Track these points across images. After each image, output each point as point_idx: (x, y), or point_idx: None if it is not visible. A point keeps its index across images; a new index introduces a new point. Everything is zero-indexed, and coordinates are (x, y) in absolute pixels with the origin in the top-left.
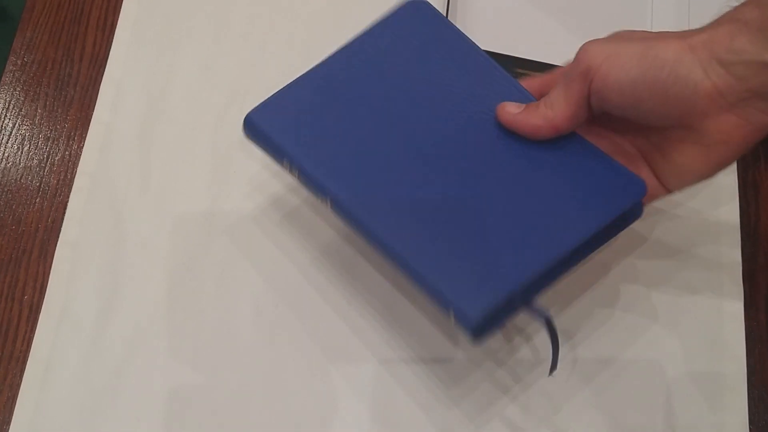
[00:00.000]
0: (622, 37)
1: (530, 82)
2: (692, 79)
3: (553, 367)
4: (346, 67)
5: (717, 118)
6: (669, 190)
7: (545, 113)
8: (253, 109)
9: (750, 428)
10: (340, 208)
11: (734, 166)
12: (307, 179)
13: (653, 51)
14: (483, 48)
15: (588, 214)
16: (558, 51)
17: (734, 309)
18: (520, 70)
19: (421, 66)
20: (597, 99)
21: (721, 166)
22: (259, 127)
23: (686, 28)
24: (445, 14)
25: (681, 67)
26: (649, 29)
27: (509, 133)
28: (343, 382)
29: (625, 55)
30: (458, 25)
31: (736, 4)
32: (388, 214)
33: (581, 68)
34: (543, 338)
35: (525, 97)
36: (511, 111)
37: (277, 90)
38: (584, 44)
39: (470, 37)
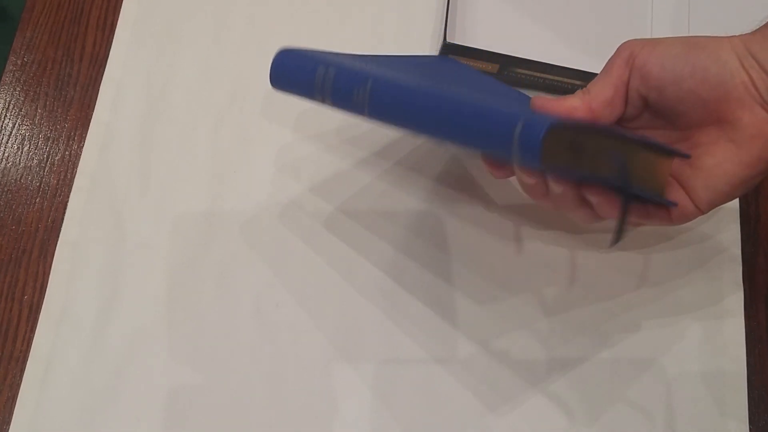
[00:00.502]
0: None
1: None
2: (730, 66)
3: (618, 236)
4: (368, 60)
5: (751, 110)
6: (701, 210)
7: (581, 95)
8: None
9: (750, 428)
10: (381, 86)
11: None
12: (345, 73)
13: (694, 38)
14: (482, 48)
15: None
16: (558, 51)
17: (734, 309)
18: (520, 70)
19: (448, 73)
20: (638, 78)
21: (752, 168)
22: (290, 51)
23: (686, 29)
24: (445, 14)
25: (721, 51)
26: (649, 29)
27: None
28: (343, 382)
29: (667, 40)
30: (458, 25)
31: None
32: (433, 83)
33: (623, 54)
34: (542, 339)
35: None
36: (545, 97)
37: None
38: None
39: (470, 37)
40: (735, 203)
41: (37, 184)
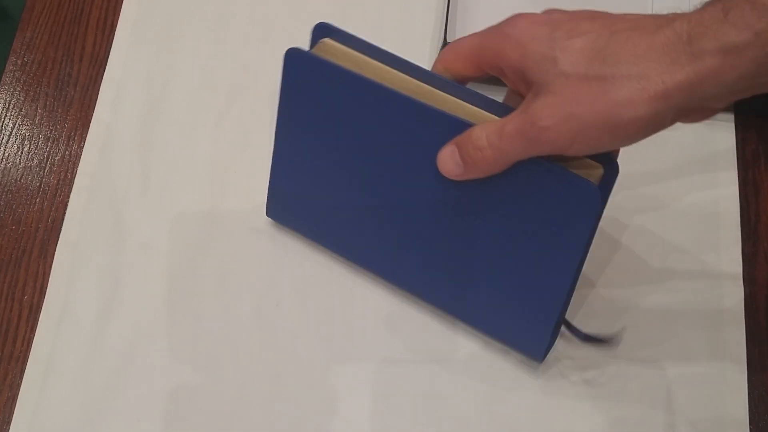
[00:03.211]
0: (569, 69)
1: (457, 51)
2: (661, 127)
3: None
4: (295, 141)
5: None
6: None
7: (492, 156)
8: (266, 207)
9: (750, 428)
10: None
11: (734, 166)
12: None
13: (616, 113)
14: None
15: (565, 245)
16: None
17: (734, 309)
18: None
19: (347, 127)
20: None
21: None
22: (279, 221)
23: None
24: (445, 14)
25: (653, 126)
26: None
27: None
28: (343, 382)
29: (589, 128)
30: (458, 25)
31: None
32: (416, 278)
33: (542, 146)
34: None
35: (441, 119)
36: (453, 171)
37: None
38: (534, 102)
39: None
40: (735, 203)
41: (37, 184)
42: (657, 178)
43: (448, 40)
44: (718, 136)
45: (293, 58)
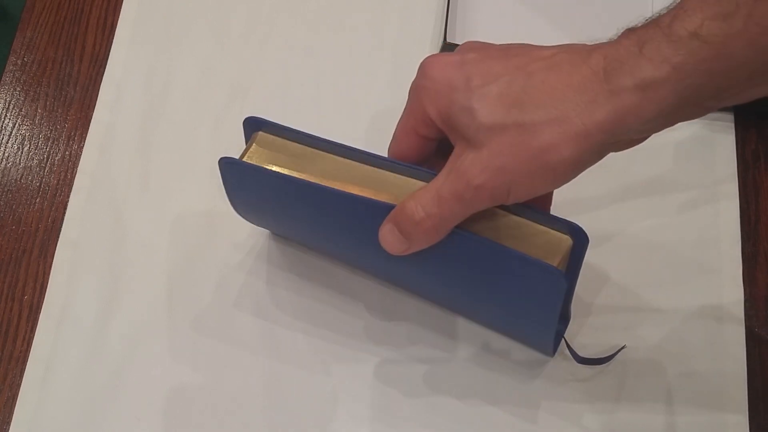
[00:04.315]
0: (502, 131)
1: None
2: (592, 163)
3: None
4: (253, 212)
5: None
6: None
7: (432, 226)
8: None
9: (750, 428)
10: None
11: (734, 167)
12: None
13: (542, 159)
14: None
15: (541, 312)
16: None
17: (734, 309)
18: None
19: (294, 213)
20: None
21: None
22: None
23: None
24: (445, 14)
25: (582, 165)
26: None
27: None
28: (343, 382)
29: (520, 178)
30: (458, 25)
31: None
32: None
33: (481, 203)
34: None
35: (370, 206)
36: (398, 249)
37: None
38: (466, 165)
39: (470, 37)
40: (735, 203)
41: (37, 184)
42: (656, 178)
43: (448, 40)
44: (718, 137)
45: (226, 166)
